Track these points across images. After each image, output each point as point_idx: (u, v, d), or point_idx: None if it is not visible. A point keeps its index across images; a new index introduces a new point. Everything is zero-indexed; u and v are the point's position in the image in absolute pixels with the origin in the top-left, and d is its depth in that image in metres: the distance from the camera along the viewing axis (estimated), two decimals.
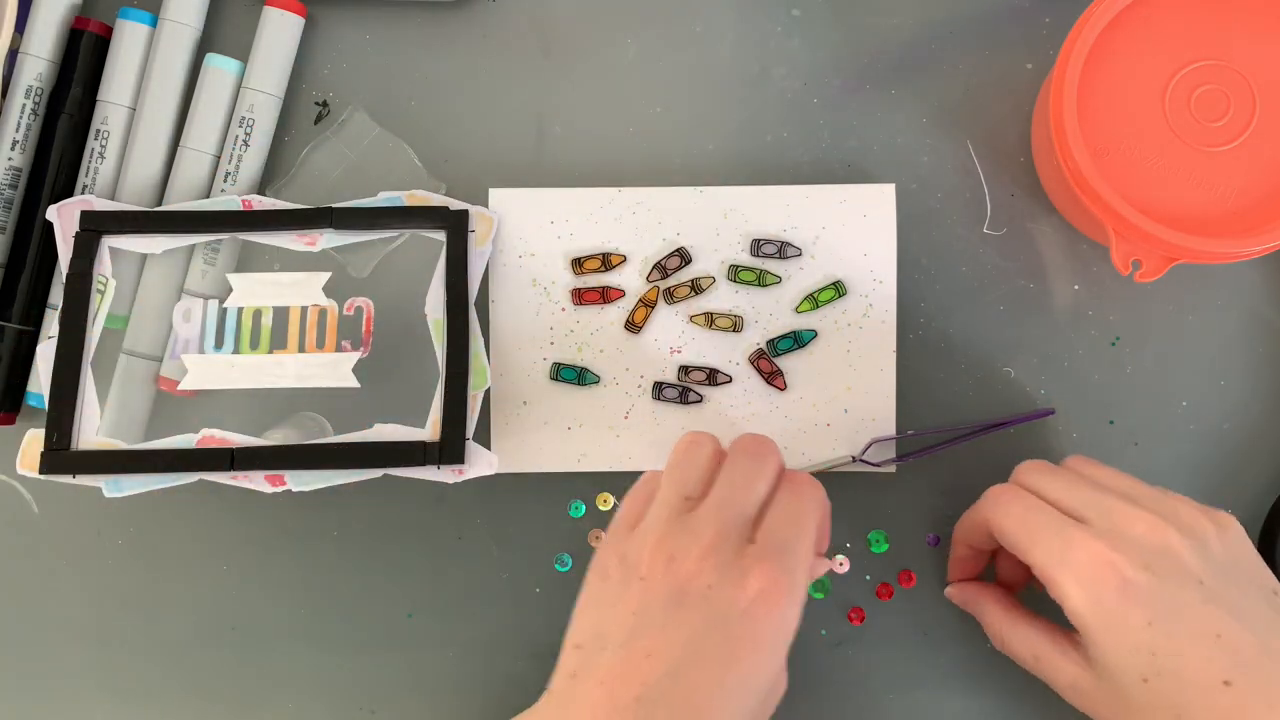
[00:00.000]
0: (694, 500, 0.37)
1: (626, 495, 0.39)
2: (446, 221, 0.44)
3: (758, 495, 0.37)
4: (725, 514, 0.36)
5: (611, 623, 0.36)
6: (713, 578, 0.35)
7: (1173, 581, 0.35)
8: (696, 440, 0.39)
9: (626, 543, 0.37)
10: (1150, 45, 0.40)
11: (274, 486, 0.43)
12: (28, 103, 0.45)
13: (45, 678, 0.46)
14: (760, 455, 0.38)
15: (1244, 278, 0.45)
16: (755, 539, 0.36)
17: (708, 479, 0.38)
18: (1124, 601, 0.35)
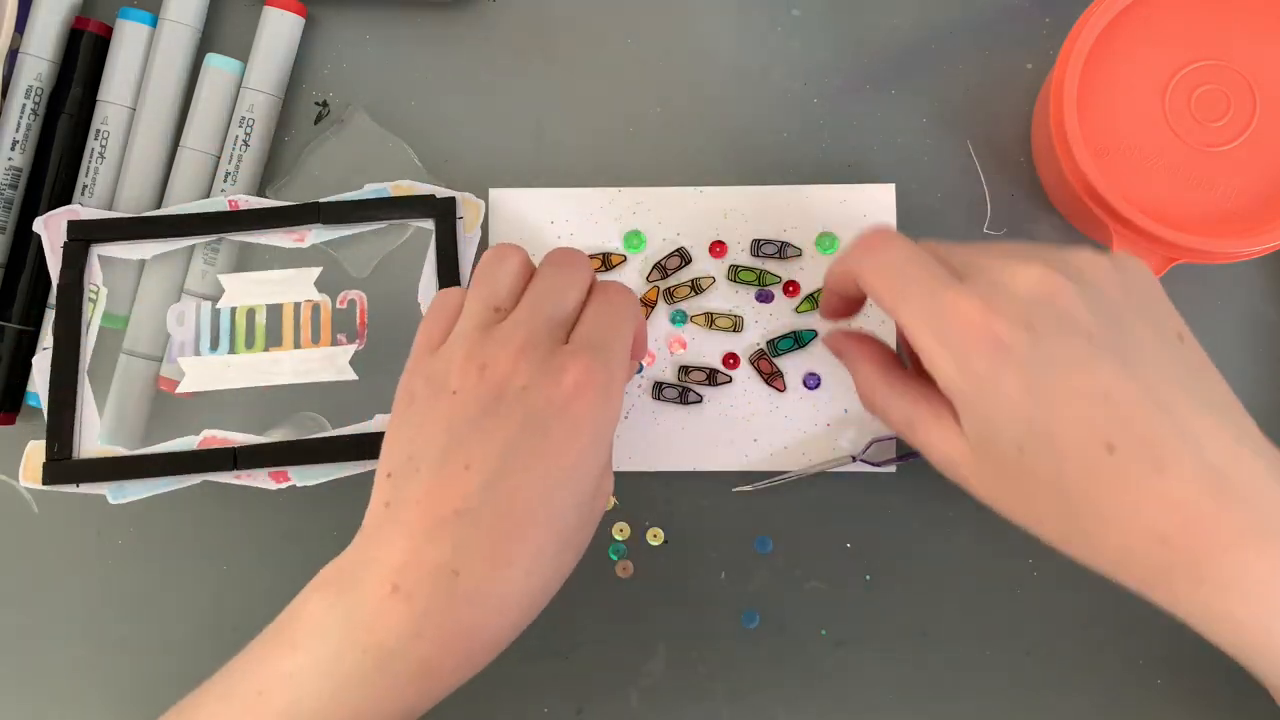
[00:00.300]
0: (503, 311, 0.36)
1: (423, 319, 0.38)
2: (434, 210, 0.44)
3: (570, 301, 0.36)
4: (536, 318, 0.35)
5: (423, 442, 0.34)
6: (526, 378, 0.34)
7: (1055, 338, 0.31)
8: (501, 253, 0.37)
9: (431, 362, 0.36)
10: (1150, 45, 0.40)
11: (278, 483, 0.43)
12: (28, 103, 0.45)
13: (45, 678, 0.46)
14: (571, 265, 0.37)
15: (1244, 278, 0.45)
16: (570, 340, 0.35)
17: (516, 291, 0.37)
18: (997, 367, 0.31)
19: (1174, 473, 0.30)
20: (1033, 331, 0.31)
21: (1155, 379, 0.31)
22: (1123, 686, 0.45)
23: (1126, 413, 0.30)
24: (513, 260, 0.37)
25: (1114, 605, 0.45)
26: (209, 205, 0.45)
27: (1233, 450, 0.31)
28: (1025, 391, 0.31)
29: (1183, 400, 0.31)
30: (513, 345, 0.34)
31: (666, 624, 0.45)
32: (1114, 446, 0.30)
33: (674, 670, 0.45)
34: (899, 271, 0.34)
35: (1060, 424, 0.31)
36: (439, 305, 0.38)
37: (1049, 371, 0.31)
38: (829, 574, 0.45)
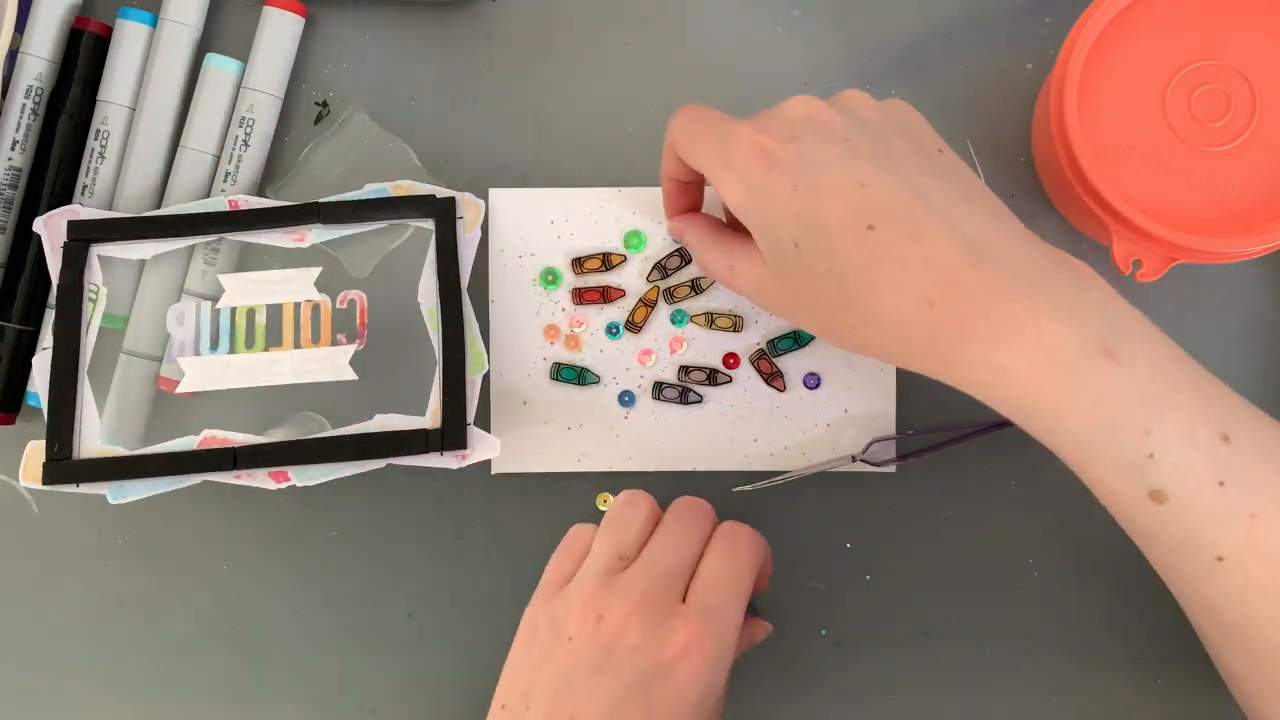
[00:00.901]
0: (627, 559, 0.37)
1: (555, 553, 0.39)
2: (434, 209, 0.44)
3: (690, 554, 0.37)
4: (655, 573, 0.36)
5: (538, 683, 0.36)
6: (638, 638, 0.35)
7: (815, 145, 0.35)
8: (633, 499, 0.39)
9: (555, 602, 0.37)
10: (1150, 45, 0.40)
11: (278, 483, 0.43)
12: (28, 103, 0.45)
13: (45, 678, 0.46)
14: (695, 517, 0.38)
15: (1244, 278, 0.45)
16: (687, 599, 0.36)
17: (642, 538, 0.38)
18: (769, 174, 0.35)
19: (930, 241, 0.33)
20: (797, 141, 0.35)
21: (910, 176, 0.34)
22: (1122, 686, 0.45)
23: (882, 197, 0.34)
24: (643, 508, 0.39)
25: (1114, 606, 0.45)
26: (209, 205, 0.45)
27: (986, 226, 0.34)
28: (792, 189, 0.34)
29: (937, 191, 0.34)
30: (630, 600, 0.35)
31: None
32: (874, 225, 0.33)
33: None
34: (695, 125, 0.38)
35: (825, 213, 0.34)
36: (570, 541, 0.39)
37: (811, 169, 0.34)
38: (829, 574, 0.45)
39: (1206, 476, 0.32)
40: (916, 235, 0.33)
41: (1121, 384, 0.32)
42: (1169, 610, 0.44)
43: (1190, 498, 0.32)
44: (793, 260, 0.35)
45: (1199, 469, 0.32)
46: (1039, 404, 0.33)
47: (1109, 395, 0.32)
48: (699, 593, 0.36)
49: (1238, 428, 0.32)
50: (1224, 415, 0.33)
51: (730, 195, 0.36)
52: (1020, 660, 0.45)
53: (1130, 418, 0.32)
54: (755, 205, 0.35)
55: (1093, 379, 0.32)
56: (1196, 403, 0.32)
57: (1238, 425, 0.33)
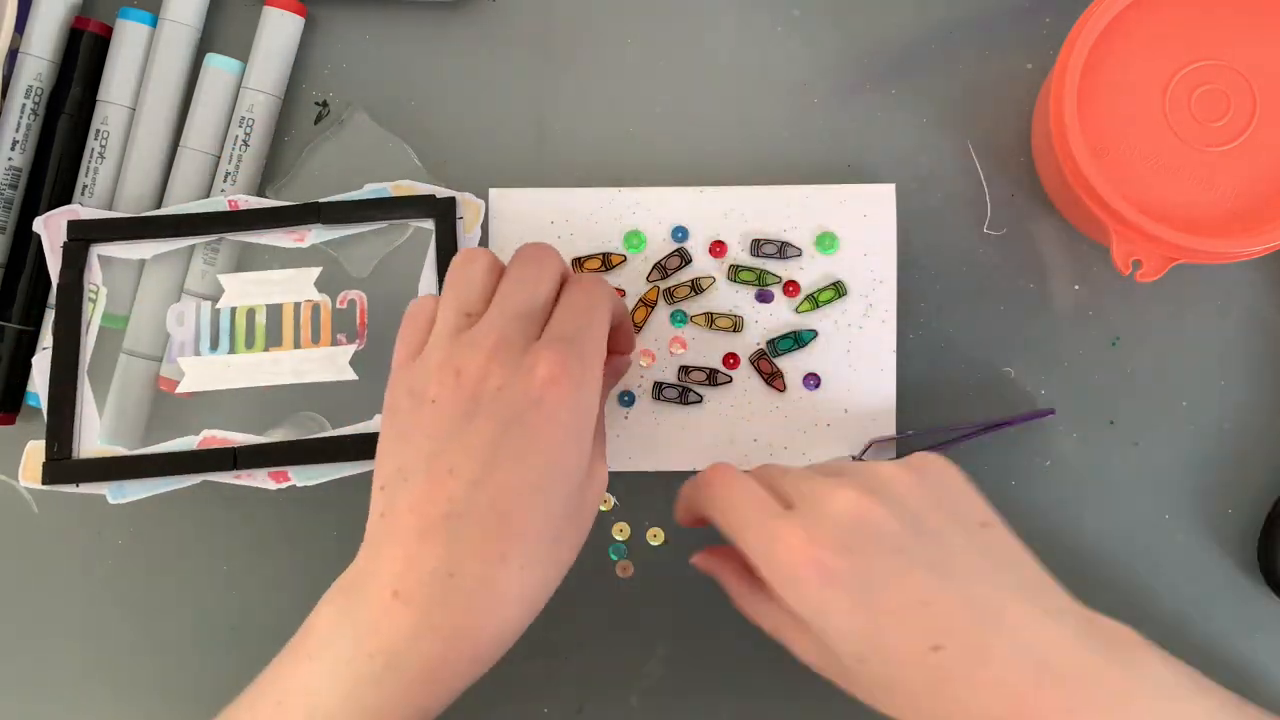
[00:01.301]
0: (474, 316, 0.36)
1: (400, 329, 0.38)
2: (434, 209, 0.44)
3: (541, 295, 0.37)
4: (507, 317, 0.36)
5: (410, 453, 0.35)
6: (500, 379, 0.34)
7: (872, 557, 0.34)
8: (469, 255, 0.38)
9: (410, 372, 0.36)
10: (1150, 45, 0.40)
11: (278, 483, 0.43)
12: (28, 103, 0.45)
13: (45, 678, 0.46)
14: (540, 259, 0.37)
15: (1244, 278, 0.45)
16: (542, 334, 0.36)
17: (488, 293, 0.37)
18: (827, 590, 0.34)
19: (997, 663, 0.33)
20: (851, 554, 0.34)
21: (966, 575, 0.34)
22: None
23: (945, 614, 0.33)
24: (481, 261, 0.38)
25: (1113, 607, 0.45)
26: (209, 205, 0.45)
27: (1044, 628, 0.33)
28: (853, 610, 0.34)
29: (993, 590, 0.34)
30: (485, 347, 0.35)
31: (666, 624, 0.45)
32: (939, 646, 0.33)
33: (674, 670, 0.45)
34: (734, 508, 0.36)
35: (888, 634, 0.33)
36: (413, 314, 0.38)
37: (871, 589, 0.34)
38: None
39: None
40: (981, 657, 0.33)
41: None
42: (1168, 611, 0.44)
43: None
44: (856, 670, 0.35)
45: None
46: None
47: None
48: (553, 326, 0.36)
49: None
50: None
51: (784, 598, 0.35)
52: None
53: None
54: (812, 616, 0.34)
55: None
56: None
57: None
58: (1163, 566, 0.45)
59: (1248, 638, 0.44)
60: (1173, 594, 0.40)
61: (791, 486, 0.37)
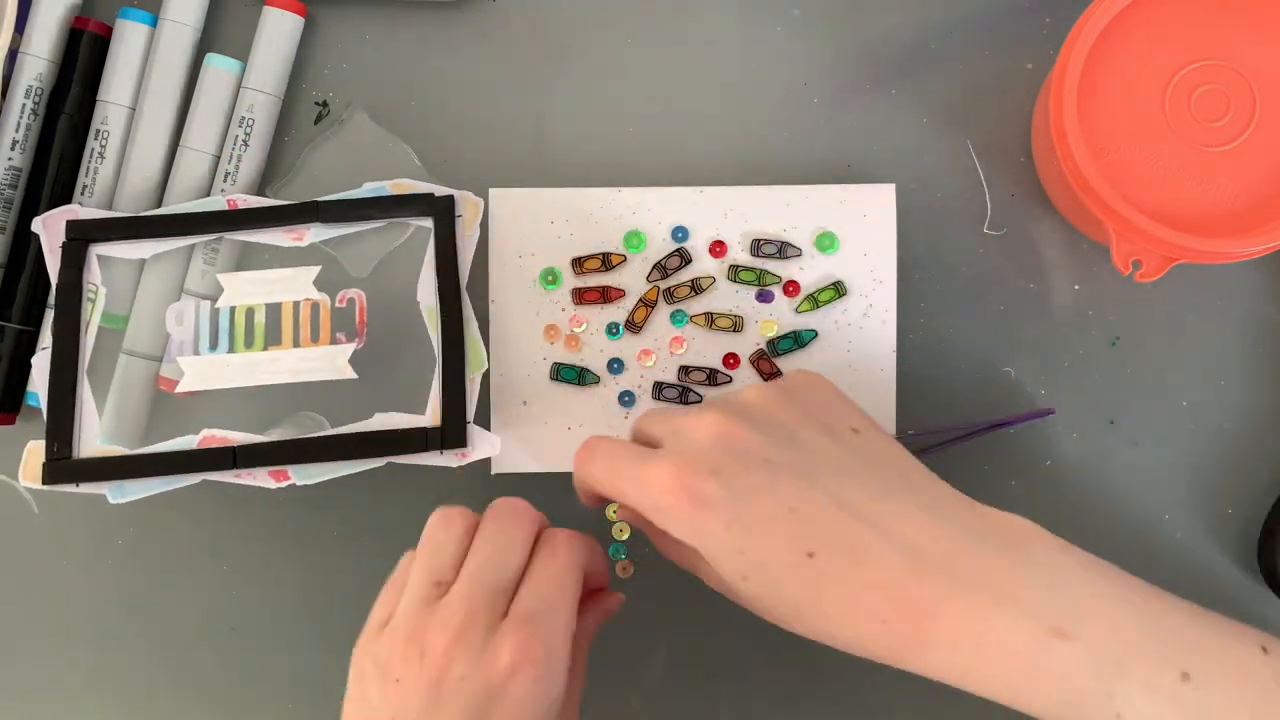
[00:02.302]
0: (444, 585, 0.36)
1: (382, 590, 0.38)
2: (433, 208, 0.44)
3: (512, 566, 0.36)
4: (476, 594, 0.35)
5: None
6: (464, 666, 0.34)
7: (738, 475, 0.34)
8: (445, 519, 0.37)
9: (377, 642, 0.36)
10: (1150, 45, 0.40)
11: (278, 482, 0.43)
12: (28, 103, 0.45)
13: (45, 678, 0.46)
14: (512, 519, 0.37)
15: (1244, 278, 0.45)
16: (509, 612, 0.35)
17: (459, 558, 0.36)
18: (699, 515, 0.34)
19: (870, 562, 0.33)
20: (717, 475, 0.34)
21: (836, 483, 0.34)
22: None
23: (813, 520, 0.34)
24: (455, 528, 0.37)
25: None
26: (208, 205, 0.45)
27: (919, 520, 0.34)
28: (727, 529, 0.34)
29: (864, 494, 0.34)
30: (451, 628, 0.34)
31: (666, 624, 0.45)
32: (813, 553, 0.33)
33: (674, 670, 0.45)
34: (608, 467, 0.36)
35: (762, 545, 0.34)
36: (397, 576, 0.38)
37: (739, 503, 0.34)
38: None
39: (1173, 719, 0.32)
40: (856, 557, 0.33)
41: (1077, 658, 0.32)
42: None
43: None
44: (744, 589, 0.35)
45: (1165, 714, 0.32)
46: (1004, 694, 0.33)
47: (1067, 673, 0.32)
48: (519, 603, 0.35)
49: (1197, 662, 0.32)
50: (1182, 653, 0.33)
51: (669, 532, 0.35)
52: None
53: (1090, 688, 0.32)
54: (696, 543, 0.34)
55: (1048, 661, 0.32)
56: (1152, 651, 0.33)
57: (1197, 659, 0.33)
58: (1163, 566, 0.45)
59: None
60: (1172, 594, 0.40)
61: (659, 427, 0.37)
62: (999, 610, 0.32)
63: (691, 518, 0.34)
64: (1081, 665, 0.32)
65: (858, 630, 0.33)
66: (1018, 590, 0.33)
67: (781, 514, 0.34)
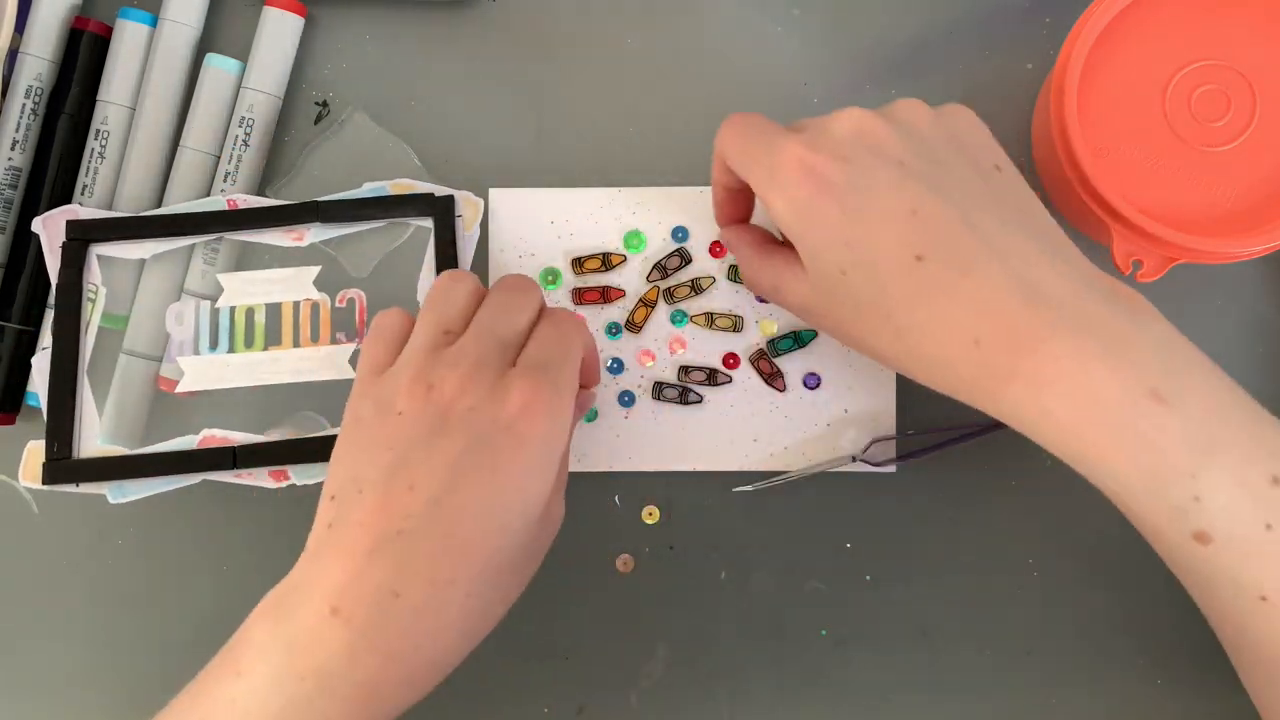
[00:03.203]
0: (453, 334, 0.36)
1: (365, 342, 0.38)
2: (433, 208, 0.44)
3: (519, 323, 0.37)
4: (485, 340, 0.36)
5: (368, 464, 0.34)
6: (473, 399, 0.34)
7: (867, 166, 0.33)
8: (456, 275, 0.38)
9: (378, 384, 0.36)
10: (1150, 45, 0.40)
11: (278, 482, 0.43)
12: (28, 103, 0.45)
13: (45, 678, 0.46)
14: (521, 289, 0.38)
15: (1244, 278, 0.45)
16: (517, 362, 0.36)
17: (467, 315, 0.37)
18: (818, 196, 0.33)
19: (980, 277, 0.32)
20: (847, 162, 0.34)
21: (964, 201, 0.33)
22: (1123, 686, 0.45)
23: (933, 226, 0.33)
24: (465, 284, 0.38)
25: (1114, 606, 0.45)
26: (208, 205, 0.45)
27: (1039, 260, 0.33)
28: (841, 214, 0.33)
29: (991, 219, 0.33)
30: (461, 367, 0.35)
31: (666, 624, 0.45)
32: (923, 256, 0.32)
33: (674, 670, 0.45)
34: (744, 135, 0.36)
35: (873, 240, 0.33)
36: (381, 327, 0.38)
37: (862, 194, 0.33)
38: (829, 574, 0.45)
39: (1254, 519, 0.31)
40: (965, 268, 0.32)
41: (1168, 428, 0.31)
42: (1169, 610, 0.44)
43: (1236, 540, 0.31)
44: (839, 286, 0.34)
45: (1246, 512, 0.31)
46: (1084, 448, 0.32)
47: (1155, 440, 0.31)
48: (529, 354, 0.36)
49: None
50: (1276, 459, 0.32)
51: (777, 214, 0.35)
52: (1020, 660, 0.45)
53: (1176, 462, 0.31)
54: (802, 228, 0.34)
55: (1139, 424, 0.31)
56: (1247, 444, 0.31)
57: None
58: (1163, 566, 0.45)
59: None
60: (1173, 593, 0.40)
61: (805, 120, 0.37)
62: (1101, 357, 0.31)
63: (808, 198, 0.34)
64: (1170, 436, 0.31)
65: (945, 348, 0.32)
66: (1125, 343, 0.31)
67: (901, 213, 0.33)
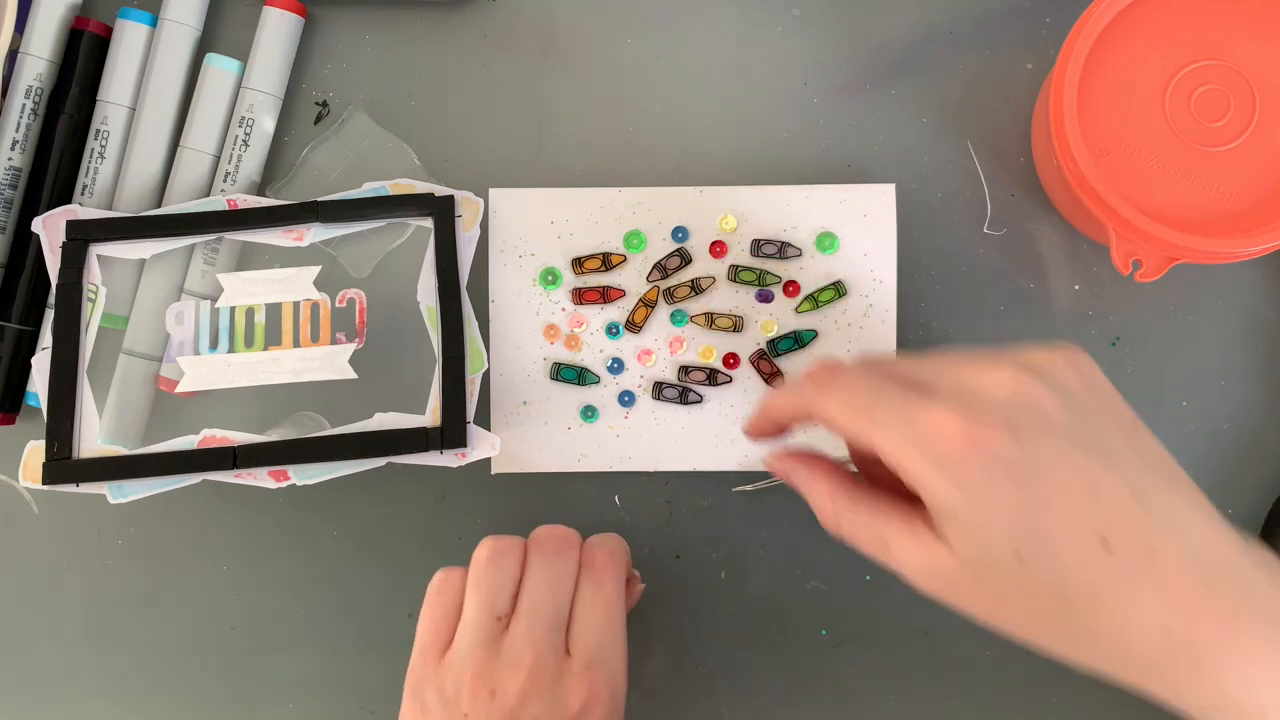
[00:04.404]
0: (505, 618, 0.38)
1: (424, 605, 0.39)
2: (433, 208, 0.44)
3: (565, 597, 0.38)
4: (537, 632, 0.37)
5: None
6: (537, 707, 0.36)
7: (1038, 440, 0.31)
8: (498, 550, 0.39)
9: (441, 674, 0.37)
10: (1150, 45, 0.40)
11: (278, 482, 0.43)
12: (28, 103, 0.45)
13: (45, 678, 0.46)
14: (560, 552, 0.39)
15: (1244, 278, 0.45)
16: (570, 649, 0.37)
17: (514, 590, 0.38)
18: (991, 475, 0.30)
19: (1164, 560, 0.30)
20: (1017, 436, 0.31)
21: (1126, 468, 0.31)
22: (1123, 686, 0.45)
23: (1110, 504, 0.30)
24: (510, 561, 0.39)
25: None
26: (208, 205, 0.45)
27: (1203, 529, 0.31)
28: (1018, 495, 0.30)
29: (1152, 487, 0.31)
30: (521, 670, 0.36)
31: (666, 624, 0.45)
32: (1108, 540, 0.30)
33: (674, 670, 0.45)
34: (863, 398, 0.33)
35: (1055, 523, 0.30)
36: (439, 601, 0.39)
37: (1036, 471, 0.30)
38: (829, 574, 0.45)
39: None
40: (1149, 551, 0.30)
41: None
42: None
43: None
44: (1008, 569, 0.31)
45: None
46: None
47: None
48: (581, 642, 0.37)
49: None
50: None
51: (931, 489, 0.31)
52: (1021, 660, 0.45)
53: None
54: (968, 508, 0.30)
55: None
56: None
57: None
58: None
59: None
60: None
61: (928, 370, 0.33)
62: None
63: (980, 477, 0.30)
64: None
65: (1131, 636, 0.30)
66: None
67: (1080, 491, 0.30)
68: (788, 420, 0.37)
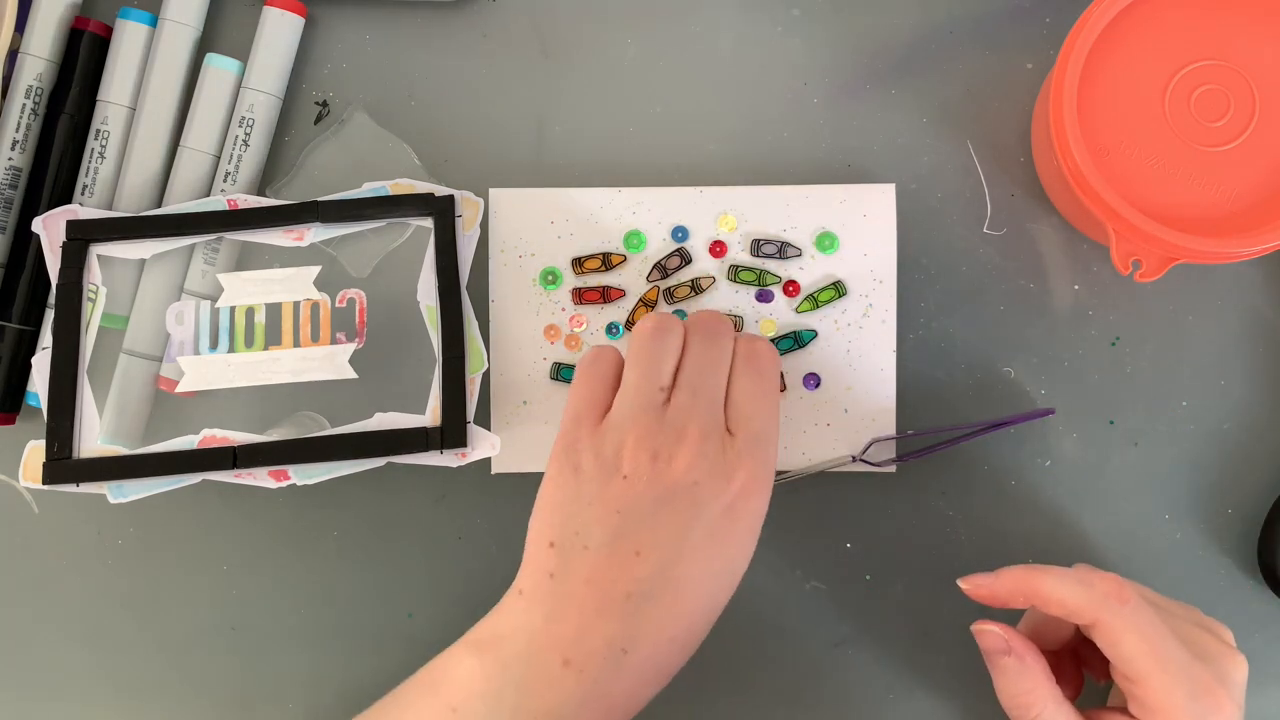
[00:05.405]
0: (666, 389, 0.38)
1: (576, 377, 0.39)
2: (433, 208, 0.44)
3: (724, 375, 0.39)
4: (701, 406, 0.37)
5: (591, 521, 0.36)
6: (700, 474, 0.36)
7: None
8: (663, 325, 0.39)
9: (599, 437, 0.37)
10: (1150, 45, 0.40)
11: (278, 482, 0.43)
12: (28, 103, 0.45)
13: (45, 678, 0.46)
14: (720, 332, 0.39)
15: (1244, 278, 0.45)
16: (732, 430, 0.37)
17: (675, 365, 0.39)
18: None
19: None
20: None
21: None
22: None
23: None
24: (674, 336, 0.39)
25: None
26: (208, 205, 0.45)
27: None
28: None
29: None
30: (687, 439, 0.37)
31: None
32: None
33: None
34: (1158, 645, 0.36)
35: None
36: (596, 369, 0.39)
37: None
38: (829, 574, 0.45)
39: None
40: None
41: None
42: None
43: None
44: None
45: None
46: None
47: None
48: (742, 421, 0.38)
49: None
50: None
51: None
52: None
53: None
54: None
55: None
56: None
57: None
58: (1163, 566, 0.45)
59: (1248, 638, 0.44)
60: (1173, 594, 0.40)
61: (1185, 635, 0.37)
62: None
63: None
64: None
65: None
66: None
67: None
68: (1047, 605, 0.38)
